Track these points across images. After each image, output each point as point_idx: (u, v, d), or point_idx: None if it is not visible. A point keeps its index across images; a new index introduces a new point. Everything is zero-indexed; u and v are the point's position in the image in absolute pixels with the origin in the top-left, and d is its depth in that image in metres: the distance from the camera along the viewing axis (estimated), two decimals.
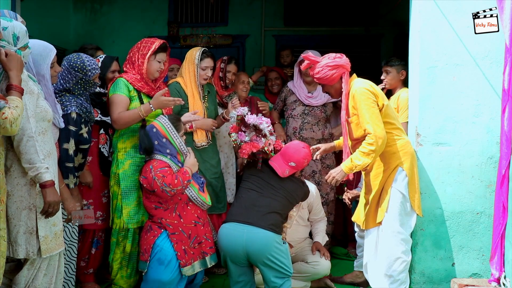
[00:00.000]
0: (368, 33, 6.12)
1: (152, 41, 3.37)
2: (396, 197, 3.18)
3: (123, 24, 6.47)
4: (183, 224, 3.19)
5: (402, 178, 3.18)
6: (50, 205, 2.45)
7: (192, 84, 3.71)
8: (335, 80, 3.21)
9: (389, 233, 3.17)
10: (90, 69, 3.01)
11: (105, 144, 3.42)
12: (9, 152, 2.46)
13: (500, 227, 3.28)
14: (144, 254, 3.17)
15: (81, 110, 2.99)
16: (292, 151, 3.36)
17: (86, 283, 3.46)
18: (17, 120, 2.25)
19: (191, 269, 3.17)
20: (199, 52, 3.71)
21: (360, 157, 3.09)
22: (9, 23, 2.46)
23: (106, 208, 3.42)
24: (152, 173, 3.09)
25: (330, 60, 3.19)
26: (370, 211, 3.28)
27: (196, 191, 3.24)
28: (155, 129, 3.19)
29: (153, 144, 3.18)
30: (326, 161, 4.29)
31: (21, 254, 2.47)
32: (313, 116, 4.28)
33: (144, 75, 3.34)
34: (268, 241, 3.04)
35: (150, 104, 3.23)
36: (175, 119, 3.30)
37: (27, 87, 2.45)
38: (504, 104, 3.27)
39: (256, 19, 6.48)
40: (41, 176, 2.42)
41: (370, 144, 3.05)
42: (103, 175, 3.41)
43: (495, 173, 3.37)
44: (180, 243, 3.15)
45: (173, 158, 3.22)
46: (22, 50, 2.50)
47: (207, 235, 3.29)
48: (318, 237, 3.67)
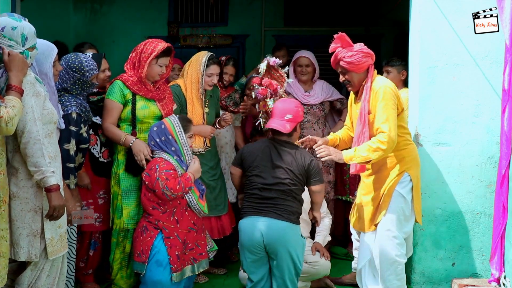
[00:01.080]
0: (368, 33, 6.12)
1: (156, 44, 3.29)
2: (398, 200, 3.09)
3: (123, 24, 6.46)
4: (179, 230, 3.18)
5: (407, 182, 3.10)
6: (56, 209, 2.44)
7: (193, 89, 3.66)
8: (363, 69, 3.08)
9: (385, 237, 3.08)
10: (88, 70, 3.00)
11: (95, 145, 3.38)
12: (17, 154, 2.45)
13: (500, 227, 3.28)
14: (141, 256, 3.13)
15: (80, 109, 2.99)
16: (282, 105, 3.25)
17: (86, 283, 3.46)
18: (13, 120, 2.24)
19: (180, 275, 3.14)
20: (205, 58, 3.63)
21: (366, 151, 2.96)
22: (19, 23, 2.47)
23: (102, 210, 3.41)
24: (157, 173, 3.08)
25: (364, 47, 3.08)
26: (368, 214, 3.19)
27: (196, 198, 3.23)
28: (163, 126, 3.22)
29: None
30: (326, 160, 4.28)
31: (23, 257, 2.46)
32: (312, 114, 4.28)
33: (143, 78, 3.31)
34: (285, 231, 3.01)
35: (132, 141, 3.22)
36: (186, 120, 3.31)
37: (34, 89, 2.44)
38: (504, 104, 3.27)
39: (256, 19, 6.47)
40: (46, 180, 2.41)
41: (382, 142, 2.93)
42: (96, 176, 3.40)
43: (495, 173, 3.37)
44: (174, 248, 3.13)
45: (179, 160, 3.21)
46: (30, 51, 2.50)
47: (198, 242, 3.28)
48: (318, 237, 3.67)
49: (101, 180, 3.42)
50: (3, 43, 2.42)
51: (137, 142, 3.24)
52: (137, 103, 3.31)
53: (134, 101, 3.30)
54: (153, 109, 3.36)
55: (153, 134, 3.22)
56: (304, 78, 4.28)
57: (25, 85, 2.40)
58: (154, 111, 3.36)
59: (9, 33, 2.43)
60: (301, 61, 4.29)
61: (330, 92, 4.38)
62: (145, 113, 3.33)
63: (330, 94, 4.37)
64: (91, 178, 3.36)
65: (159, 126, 3.23)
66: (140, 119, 3.32)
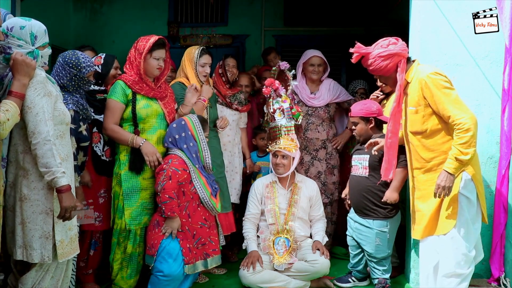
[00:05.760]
0: (368, 33, 6.12)
1: (148, 39, 3.32)
2: (464, 204, 2.85)
3: (123, 24, 6.46)
4: (190, 224, 3.26)
5: (468, 182, 2.85)
6: (67, 210, 2.43)
7: (195, 78, 3.73)
8: (391, 70, 2.94)
9: (453, 254, 2.85)
10: (85, 66, 2.99)
11: (98, 143, 3.39)
12: (28, 155, 2.45)
13: (500, 227, 3.28)
14: (151, 249, 3.21)
15: (78, 107, 2.98)
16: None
17: (86, 283, 3.46)
18: (4, 124, 2.24)
19: (192, 267, 3.23)
20: (198, 50, 3.74)
21: (464, 150, 2.68)
22: (27, 22, 2.47)
23: (103, 209, 3.41)
24: (168, 166, 3.18)
25: (382, 50, 2.94)
26: (430, 219, 2.93)
27: (208, 194, 3.30)
28: (183, 122, 3.32)
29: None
30: (330, 161, 4.29)
31: (36, 259, 2.47)
32: (317, 116, 4.28)
33: (142, 75, 3.32)
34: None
35: (142, 143, 3.25)
36: (202, 120, 3.42)
37: (45, 89, 2.44)
38: (504, 104, 3.27)
39: (256, 19, 6.47)
40: (57, 180, 2.40)
41: (466, 131, 2.67)
42: (98, 174, 3.40)
43: (495, 173, 3.37)
44: (185, 241, 3.22)
45: (195, 157, 3.29)
46: (41, 50, 2.49)
47: (211, 238, 3.34)
48: (318, 236, 3.68)
49: (102, 178, 3.42)
50: (12, 43, 2.42)
51: (147, 143, 3.27)
52: (138, 102, 3.31)
53: (134, 100, 3.30)
54: (156, 107, 3.37)
55: (172, 130, 3.31)
56: (315, 77, 4.27)
57: (35, 85, 2.40)
58: (156, 109, 3.37)
59: (17, 33, 2.43)
60: (314, 61, 4.25)
61: (337, 93, 4.33)
62: (147, 112, 3.33)
63: (337, 95, 4.33)
64: (93, 177, 3.36)
65: (178, 123, 3.33)
66: (143, 118, 3.33)
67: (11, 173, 2.50)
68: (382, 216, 3.45)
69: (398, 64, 2.93)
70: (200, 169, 3.32)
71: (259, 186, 3.80)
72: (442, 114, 2.79)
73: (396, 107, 2.98)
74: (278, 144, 3.69)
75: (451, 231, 2.85)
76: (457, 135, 2.72)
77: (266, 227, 3.70)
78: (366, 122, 3.55)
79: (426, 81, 2.82)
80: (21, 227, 2.47)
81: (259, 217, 3.76)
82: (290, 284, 3.50)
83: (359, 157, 3.59)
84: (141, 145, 3.25)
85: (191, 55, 3.74)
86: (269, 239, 3.63)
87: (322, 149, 4.28)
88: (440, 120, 2.85)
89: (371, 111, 3.53)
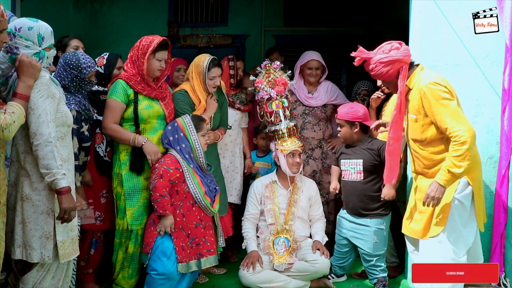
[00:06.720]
0: (368, 33, 6.12)
1: (152, 39, 3.29)
2: (457, 210, 2.83)
3: (123, 24, 6.46)
4: (185, 223, 3.25)
5: (465, 186, 2.83)
6: (66, 211, 2.44)
7: (202, 91, 3.64)
8: (392, 76, 2.90)
9: (439, 251, 2.84)
10: (85, 67, 2.99)
11: (101, 144, 3.39)
12: (29, 155, 2.46)
13: (500, 227, 3.28)
14: (146, 247, 3.23)
15: (80, 107, 2.99)
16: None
17: (86, 283, 3.46)
18: (10, 126, 2.25)
19: (186, 266, 3.22)
20: (207, 63, 3.61)
21: (458, 163, 2.65)
22: (35, 23, 2.49)
23: (104, 209, 3.41)
24: (159, 164, 3.20)
25: (383, 56, 2.89)
26: (427, 221, 2.90)
27: (202, 193, 3.28)
28: (176, 124, 3.34)
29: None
30: (326, 160, 4.30)
31: (36, 258, 2.47)
32: (314, 116, 4.28)
33: (145, 75, 3.30)
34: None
35: (144, 142, 3.25)
36: (199, 119, 3.39)
37: (48, 91, 2.45)
38: (504, 104, 3.27)
39: (256, 19, 6.47)
40: (57, 182, 2.40)
41: (462, 144, 2.64)
42: (100, 175, 3.40)
43: (495, 173, 3.37)
44: (179, 240, 3.22)
45: (188, 158, 3.29)
46: (47, 51, 2.50)
47: (206, 238, 3.32)
48: (317, 236, 3.68)
49: (104, 179, 3.42)
50: (20, 43, 2.43)
51: (150, 142, 3.27)
52: (140, 102, 3.30)
53: (136, 100, 3.30)
54: (157, 108, 3.36)
55: (168, 133, 3.33)
56: (313, 80, 4.27)
57: (39, 87, 2.41)
58: (158, 110, 3.36)
59: (25, 34, 2.44)
60: (312, 65, 4.24)
61: (334, 95, 4.33)
62: (149, 113, 3.32)
63: (334, 97, 4.32)
64: (95, 177, 3.37)
65: (172, 125, 3.34)
66: (144, 119, 3.31)
67: (12, 172, 2.51)
68: (380, 214, 3.46)
69: (400, 70, 2.89)
70: (195, 169, 3.31)
71: (259, 186, 3.80)
72: (440, 125, 2.76)
73: (397, 114, 2.94)
74: (293, 145, 3.70)
75: (440, 235, 2.84)
76: (453, 147, 2.69)
77: (266, 227, 3.70)
78: (351, 126, 3.53)
79: (425, 91, 2.78)
80: (21, 227, 2.47)
81: (258, 217, 3.77)
82: (290, 284, 3.50)
83: (349, 162, 3.57)
84: (143, 144, 3.24)
85: (199, 68, 3.62)
86: (269, 239, 3.63)
87: (318, 148, 4.28)
88: (439, 130, 2.82)
89: (357, 116, 3.51)
